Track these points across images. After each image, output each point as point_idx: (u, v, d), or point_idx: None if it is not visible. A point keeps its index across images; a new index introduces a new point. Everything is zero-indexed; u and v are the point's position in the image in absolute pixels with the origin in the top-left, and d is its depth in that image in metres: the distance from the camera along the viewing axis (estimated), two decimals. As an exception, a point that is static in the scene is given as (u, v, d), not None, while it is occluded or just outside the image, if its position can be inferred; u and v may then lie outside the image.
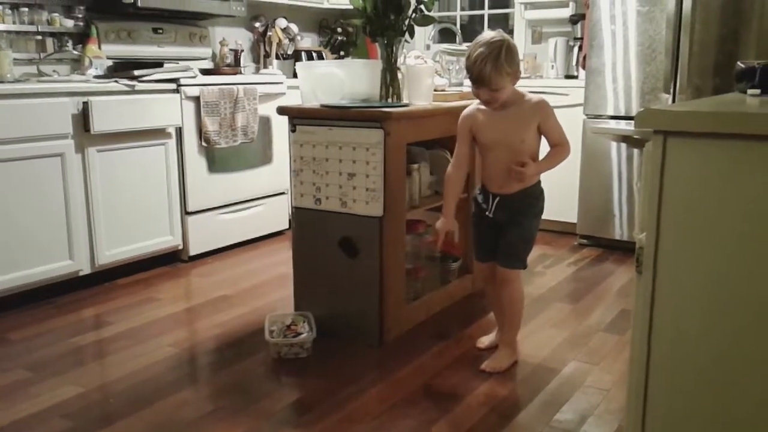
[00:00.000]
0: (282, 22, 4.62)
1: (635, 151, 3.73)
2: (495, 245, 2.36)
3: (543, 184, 2.35)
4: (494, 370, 2.33)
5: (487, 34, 2.19)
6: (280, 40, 4.59)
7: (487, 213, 2.36)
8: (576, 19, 4.47)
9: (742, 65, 1.59)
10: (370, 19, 2.61)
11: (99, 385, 2.27)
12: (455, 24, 5.23)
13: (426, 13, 2.67)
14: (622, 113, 3.77)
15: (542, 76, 4.61)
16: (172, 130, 3.48)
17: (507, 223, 2.32)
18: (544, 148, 2.29)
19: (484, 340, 2.55)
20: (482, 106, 2.29)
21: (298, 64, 2.85)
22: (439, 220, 2.40)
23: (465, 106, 2.39)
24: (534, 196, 2.31)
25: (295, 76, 4.04)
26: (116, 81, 3.23)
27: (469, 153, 2.38)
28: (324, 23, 5.24)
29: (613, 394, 2.19)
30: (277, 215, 4.18)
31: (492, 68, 2.12)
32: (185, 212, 3.61)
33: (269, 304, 3.03)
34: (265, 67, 4.57)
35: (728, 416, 1.23)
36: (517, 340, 2.44)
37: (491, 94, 2.18)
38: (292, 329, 2.51)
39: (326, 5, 4.92)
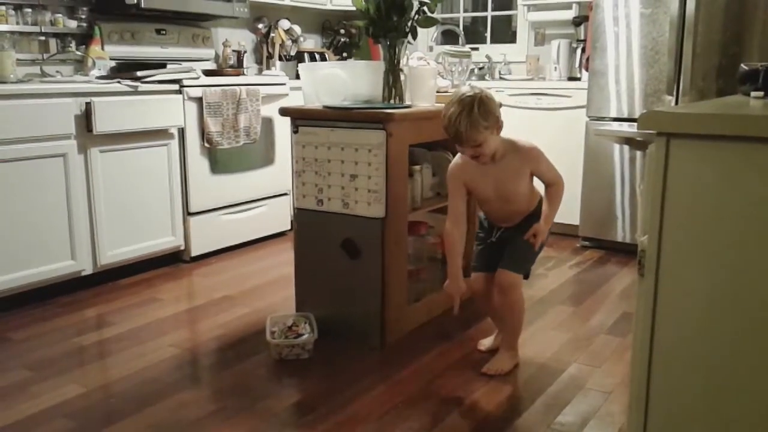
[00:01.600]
0: (285, 24, 4.63)
1: (638, 153, 3.73)
2: (495, 258, 2.35)
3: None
4: (496, 373, 2.33)
5: (461, 90, 2.17)
6: (282, 41, 4.60)
7: (490, 240, 2.39)
8: (579, 21, 4.46)
9: (746, 67, 1.59)
10: (372, 20, 2.62)
11: (101, 385, 2.27)
12: (458, 26, 5.23)
13: (429, 14, 2.67)
14: (625, 115, 3.77)
15: (545, 78, 4.60)
16: (174, 131, 3.49)
17: (512, 238, 2.33)
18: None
19: (485, 343, 2.55)
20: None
21: (300, 65, 2.85)
22: (446, 283, 2.34)
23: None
24: (537, 217, 2.30)
25: (297, 77, 4.06)
26: (119, 82, 3.24)
27: (464, 208, 2.34)
28: (327, 24, 5.24)
29: (615, 396, 2.19)
30: (279, 216, 4.18)
31: (467, 125, 2.09)
32: (187, 213, 3.61)
33: (271, 305, 3.03)
34: (268, 68, 4.58)
35: (730, 419, 1.23)
36: (519, 342, 2.44)
37: (475, 149, 2.16)
38: (294, 330, 2.50)
39: (329, 7, 4.92)
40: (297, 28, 4.70)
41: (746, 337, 1.19)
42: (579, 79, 4.35)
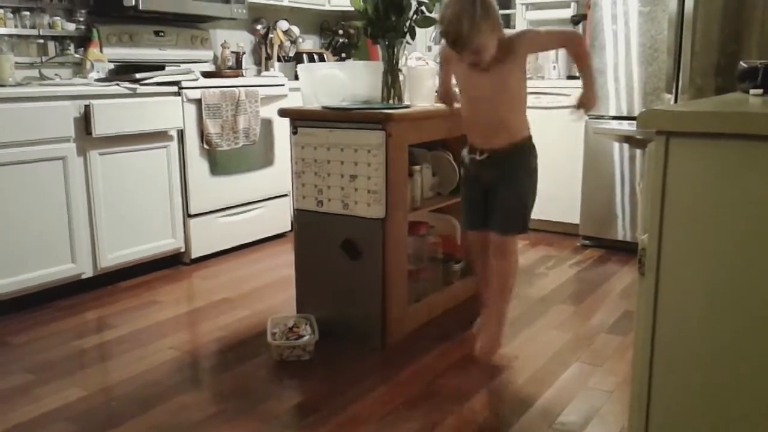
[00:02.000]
0: (283, 25, 4.63)
1: (637, 151, 3.73)
2: (486, 211, 2.24)
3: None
4: (488, 354, 2.26)
5: None
6: (281, 42, 4.59)
7: (476, 172, 2.24)
8: (577, 19, 4.46)
9: (745, 65, 1.58)
10: (371, 20, 2.61)
11: (101, 388, 2.27)
12: (456, 25, 5.22)
13: (427, 14, 2.66)
14: (624, 114, 3.76)
15: (544, 77, 4.60)
16: (173, 133, 3.49)
17: (499, 184, 2.19)
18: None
19: (477, 324, 2.50)
20: None
21: (299, 66, 2.85)
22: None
23: (466, 107, 2.37)
24: (525, 150, 2.18)
25: (296, 78, 4.04)
26: (118, 84, 3.24)
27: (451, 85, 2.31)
28: (325, 25, 5.24)
29: (617, 395, 2.18)
30: (278, 217, 4.18)
31: (469, 27, 1.91)
32: (187, 215, 3.61)
33: (271, 306, 3.03)
34: (267, 69, 4.57)
35: (732, 418, 1.23)
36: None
37: (475, 55, 1.99)
38: (295, 332, 2.50)
39: (327, 7, 4.92)
40: (295, 29, 4.70)
41: (747, 335, 1.19)
42: (578, 77, 4.34)
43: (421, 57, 3.23)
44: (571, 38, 2.11)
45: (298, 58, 4.72)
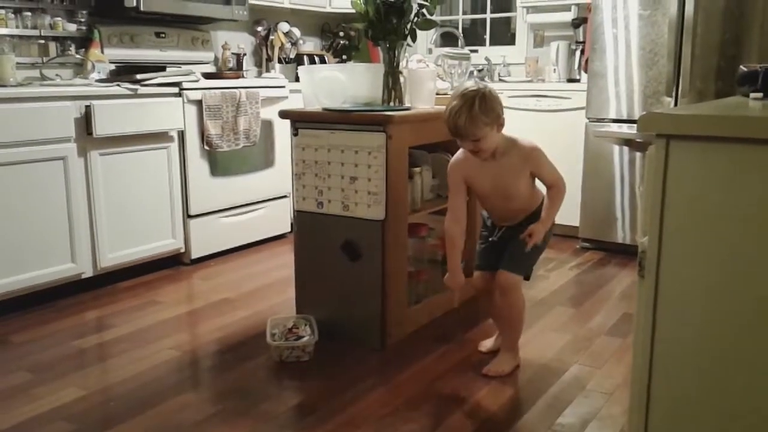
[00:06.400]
0: (284, 26, 4.63)
1: (637, 154, 3.73)
2: (497, 257, 2.35)
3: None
4: (497, 374, 2.33)
5: (464, 85, 2.18)
6: (282, 44, 4.60)
7: (492, 238, 2.39)
8: (578, 22, 4.47)
9: (745, 69, 1.59)
10: (372, 23, 2.62)
11: (101, 388, 2.27)
12: (457, 28, 5.23)
13: (428, 17, 2.67)
14: (625, 117, 3.77)
15: (544, 80, 4.61)
16: (174, 134, 3.49)
17: (512, 240, 2.33)
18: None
19: (486, 344, 2.55)
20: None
21: (300, 67, 2.86)
22: (447, 276, 2.37)
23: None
24: (538, 217, 2.29)
25: (297, 79, 4.05)
26: (119, 85, 3.24)
27: (465, 205, 2.35)
28: (326, 27, 5.25)
29: (616, 397, 2.19)
30: (279, 219, 4.18)
31: (467, 120, 2.10)
32: (187, 215, 3.61)
33: (271, 307, 3.03)
34: (268, 71, 4.58)
35: (731, 420, 1.23)
36: (519, 344, 2.44)
37: (474, 144, 2.17)
38: (294, 332, 2.51)
39: (328, 9, 4.93)
40: (296, 31, 4.70)
41: (747, 337, 1.19)
42: (578, 80, 4.36)
43: (422, 59, 3.23)
44: (563, 184, 2.28)
45: (298, 60, 4.73)
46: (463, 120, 2.10)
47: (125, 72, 3.55)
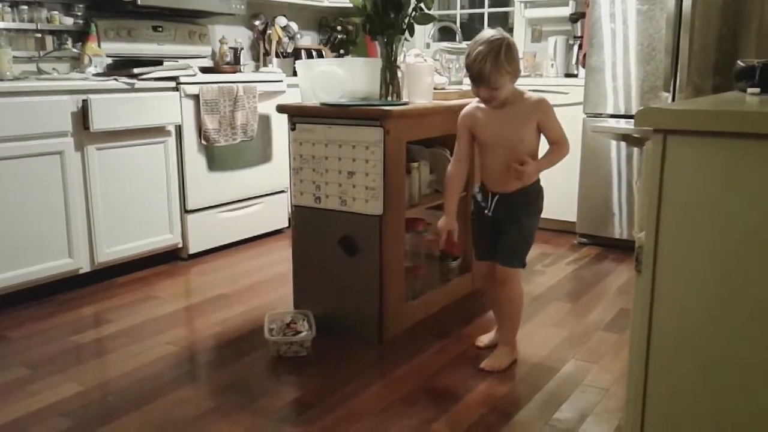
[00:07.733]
0: (282, 21, 4.62)
1: (635, 149, 3.73)
2: (494, 244, 2.36)
3: (542, 182, 2.35)
4: (494, 369, 2.34)
5: (487, 32, 2.19)
6: (279, 38, 4.59)
7: (486, 212, 2.36)
8: (576, 17, 4.46)
9: (742, 64, 1.59)
10: (370, 17, 2.61)
11: (98, 383, 2.27)
12: (455, 22, 5.22)
13: (426, 11, 2.66)
14: (622, 112, 3.77)
15: (542, 75, 4.60)
16: (171, 128, 3.48)
17: (506, 222, 2.32)
18: (543, 146, 2.29)
19: (484, 339, 2.56)
20: (482, 105, 2.29)
21: (297, 62, 2.85)
22: (441, 219, 2.40)
23: (465, 105, 2.39)
24: (533, 194, 2.32)
25: (294, 74, 4.04)
26: (116, 79, 3.23)
27: (469, 150, 2.38)
28: (324, 21, 5.24)
29: (613, 392, 2.19)
30: (276, 213, 4.18)
31: (491, 66, 2.12)
32: (185, 210, 3.61)
33: (269, 302, 3.03)
34: (265, 65, 4.57)
35: (727, 415, 1.23)
36: (517, 339, 2.44)
37: (490, 92, 2.19)
38: (292, 327, 2.51)
39: (326, 3, 4.92)
40: (294, 25, 4.69)
41: (744, 333, 1.19)
42: (576, 75, 4.35)
43: (420, 54, 3.23)
44: (566, 143, 2.29)
45: (296, 54, 4.72)
46: (488, 67, 2.12)
47: (122, 66, 3.54)
